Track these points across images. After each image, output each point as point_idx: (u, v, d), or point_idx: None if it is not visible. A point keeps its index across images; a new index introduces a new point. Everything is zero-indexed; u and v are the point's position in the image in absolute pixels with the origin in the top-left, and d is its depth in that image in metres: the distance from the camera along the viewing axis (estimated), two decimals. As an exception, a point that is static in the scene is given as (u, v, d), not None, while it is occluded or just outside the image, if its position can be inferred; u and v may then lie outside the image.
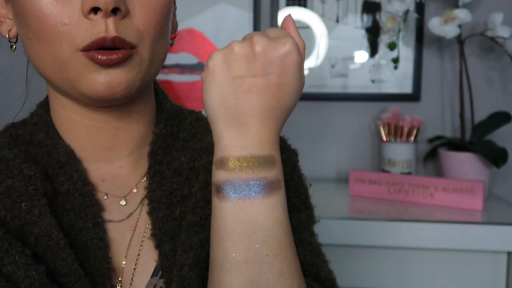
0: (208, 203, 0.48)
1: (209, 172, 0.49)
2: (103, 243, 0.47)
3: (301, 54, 0.41)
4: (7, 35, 0.48)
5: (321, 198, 1.12)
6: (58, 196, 0.48)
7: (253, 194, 0.39)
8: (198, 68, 1.30)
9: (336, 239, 0.92)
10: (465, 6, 1.16)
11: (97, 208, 0.48)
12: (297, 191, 0.55)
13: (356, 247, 0.94)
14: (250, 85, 0.39)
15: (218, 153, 0.41)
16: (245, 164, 0.40)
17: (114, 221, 0.49)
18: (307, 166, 1.34)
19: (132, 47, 0.43)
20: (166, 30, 0.47)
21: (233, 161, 0.40)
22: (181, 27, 1.25)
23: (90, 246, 0.46)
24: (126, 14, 0.42)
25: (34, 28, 0.42)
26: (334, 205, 1.06)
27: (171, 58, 1.29)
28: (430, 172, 1.31)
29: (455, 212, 0.99)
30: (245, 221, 0.39)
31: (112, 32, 0.41)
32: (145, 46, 0.44)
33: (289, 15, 0.44)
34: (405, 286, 0.94)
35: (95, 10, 0.41)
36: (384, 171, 1.21)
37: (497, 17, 1.11)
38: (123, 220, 0.50)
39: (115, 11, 0.41)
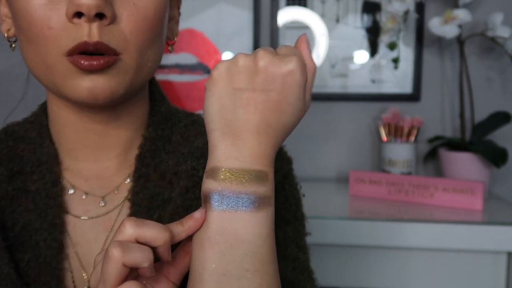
0: (187, 210, 0.47)
1: (191, 178, 0.49)
2: (55, 243, 0.47)
3: (305, 75, 0.40)
4: (6, 34, 0.48)
5: (321, 198, 1.12)
6: (25, 195, 0.49)
7: (240, 207, 0.39)
8: (198, 68, 1.30)
9: (336, 239, 0.92)
10: (465, 6, 1.16)
11: (60, 209, 0.49)
12: (287, 202, 0.52)
13: (356, 247, 0.94)
14: (249, 98, 0.39)
15: (211, 163, 0.40)
16: (235, 176, 0.39)
17: (87, 219, 0.50)
18: (307, 166, 1.35)
19: (116, 53, 0.43)
20: (157, 38, 0.46)
21: (224, 172, 0.39)
22: (181, 27, 1.25)
23: (41, 246, 0.47)
24: (113, 20, 0.42)
25: (24, 30, 0.42)
26: (334, 205, 1.06)
27: (171, 58, 1.29)
28: (430, 172, 1.31)
29: (455, 212, 0.99)
30: (228, 233, 0.39)
31: (94, 37, 0.41)
32: (131, 54, 0.44)
33: (304, 34, 0.43)
34: (405, 286, 0.94)
35: (79, 14, 0.41)
36: (384, 171, 1.21)
37: (497, 17, 1.11)
38: (98, 217, 0.50)
39: (100, 16, 0.41)
